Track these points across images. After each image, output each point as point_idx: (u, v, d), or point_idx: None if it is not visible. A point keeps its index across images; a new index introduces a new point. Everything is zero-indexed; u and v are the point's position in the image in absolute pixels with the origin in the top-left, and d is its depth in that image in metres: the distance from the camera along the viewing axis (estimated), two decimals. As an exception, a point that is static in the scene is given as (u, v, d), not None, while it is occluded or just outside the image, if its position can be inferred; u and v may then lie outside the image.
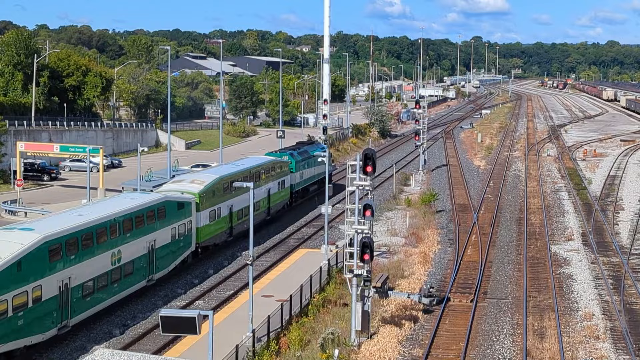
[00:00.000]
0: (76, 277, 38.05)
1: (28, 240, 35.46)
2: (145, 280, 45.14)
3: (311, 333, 38.62)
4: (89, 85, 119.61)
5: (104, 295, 40.69)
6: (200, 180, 54.45)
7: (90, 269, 39.31)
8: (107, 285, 40.89)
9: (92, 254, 39.64)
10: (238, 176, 58.35)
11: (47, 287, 35.83)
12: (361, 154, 38.68)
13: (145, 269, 44.77)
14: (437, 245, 59.07)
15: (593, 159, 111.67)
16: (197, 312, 24.93)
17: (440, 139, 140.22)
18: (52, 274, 36.28)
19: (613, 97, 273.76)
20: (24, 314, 34.38)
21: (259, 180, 61.95)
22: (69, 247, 37.77)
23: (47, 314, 36.10)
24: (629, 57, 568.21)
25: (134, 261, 43.32)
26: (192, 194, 51.64)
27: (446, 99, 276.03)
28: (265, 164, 65.65)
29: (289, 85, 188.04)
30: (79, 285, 38.27)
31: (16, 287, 33.88)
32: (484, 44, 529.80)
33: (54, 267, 36.49)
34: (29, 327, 34.85)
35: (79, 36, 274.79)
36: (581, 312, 43.91)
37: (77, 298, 38.24)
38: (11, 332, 33.68)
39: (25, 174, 79.71)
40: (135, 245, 43.48)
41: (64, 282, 37.13)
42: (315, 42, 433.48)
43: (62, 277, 36.97)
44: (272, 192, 65.65)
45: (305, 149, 77.87)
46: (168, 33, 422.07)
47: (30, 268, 34.86)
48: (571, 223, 67.92)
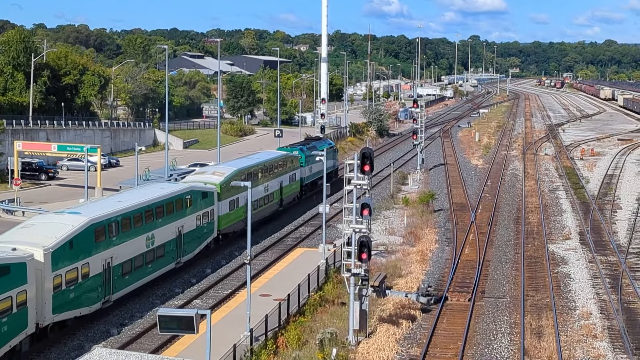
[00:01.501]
0: (117, 257, 41.77)
1: (77, 222, 39.25)
2: (174, 263, 48.70)
3: (309, 332, 38.61)
4: (87, 84, 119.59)
5: (139, 274, 44.29)
6: (220, 172, 57.87)
7: (129, 250, 42.99)
8: (143, 265, 44.54)
9: (130, 237, 43.26)
10: (254, 169, 62.37)
11: (93, 264, 39.64)
12: (359, 153, 38.71)
13: (174, 252, 48.42)
14: (435, 245, 59.08)
15: (590, 158, 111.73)
16: (194, 312, 24.91)
17: (438, 138, 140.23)
18: (97, 253, 40.10)
19: (610, 96, 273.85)
20: (74, 288, 38.15)
21: (272, 173, 65.84)
22: (111, 230, 41.50)
23: (93, 289, 39.86)
24: (626, 56, 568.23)
25: (165, 245, 46.98)
26: (214, 184, 55.05)
27: (444, 98, 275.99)
28: (278, 158, 69.00)
29: (286, 84, 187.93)
30: (119, 264, 41.98)
31: (69, 264, 37.69)
32: (481, 43, 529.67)
33: (99, 247, 40.27)
34: (79, 300, 38.66)
35: (76, 35, 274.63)
36: (579, 311, 43.93)
37: (117, 276, 41.93)
38: (65, 303, 37.49)
39: (23, 173, 79.65)
40: (166, 230, 47.18)
41: (107, 261, 40.85)
42: (313, 41, 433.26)
43: (105, 256, 40.75)
44: (284, 185, 69.12)
45: (314, 145, 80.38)
46: (166, 32, 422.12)
47: (79, 247, 38.66)
48: (569, 222, 67.95)
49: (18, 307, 34.13)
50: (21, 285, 34.30)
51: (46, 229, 38.44)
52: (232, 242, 57.72)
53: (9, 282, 33.57)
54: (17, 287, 34.00)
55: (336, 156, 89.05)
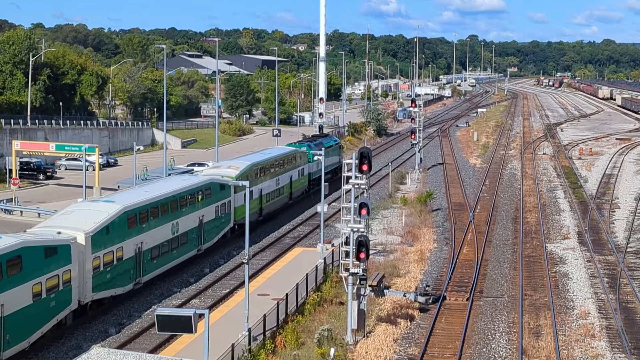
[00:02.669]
0: (146, 242, 45.06)
1: (112, 209, 42.59)
2: (196, 250, 51.79)
3: (307, 332, 38.59)
4: (85, 84, 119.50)
5: (166, 259, 47.56)
6: (236, 165, 61.20)
7: (157, 236, 46.25)
8: (168, 251, 47.76)
9: (158, 224, 46.48)
10: (266, 163, 65.76)
11: (126, 248, 42.96)
12: (357, 152, 38.69)
13: (196, 239, 51.53)
14: (433, 244, 59.08)
15: (589, 158, 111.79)
16: (193, 311, 24.90)
17: (436, 137, 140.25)
18: (130, 238, 43.35)
19: (609, 96, 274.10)
20: (110, 269, 41.57)
21: (282, 168, 69.09)
22: (142, 217, 44.77)
23: (126, 271, 43.17)
24: (624, 55, 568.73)
25: (187, 232, 50.17)
26: (230, 177, 57.31)
27: (442, 97, 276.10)
28: (287, 153, 72.08)
29: (285, 83, 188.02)
30: (148, 249, 45.29)
31: (106, 247, 41.10)
32: (479, 43, 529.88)
33: (131, 233, 43.57)
34: (114, 281, 42.08)
35: (74, 35, 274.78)
36: (577, 310, 43.93)
37: (147, 260, 45.22)
38: (102, 283, 40.98)
39: (21, 173, 79.53)
40: (189, 219, 50.29)
41: (138, 246, 44.14)
42: (311, 41, 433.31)
43: (137, 241, 44.04)
44: (294, 179, 72.43)
45: (321, 141, 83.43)
46: (164, 32, 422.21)
47: (115, 232, 42.03)
48: (567, 221, 67.97)
49: (64, 285, 37.57)
50: (66, 265, 37.74)
51: (85, 215, 41.80)
52: (230, 241, 57.73)
53: (56, 261, 37.01)
54: (62, 266, 37.45)
55: (341, 152, 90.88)
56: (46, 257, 36.25)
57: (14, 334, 33.94)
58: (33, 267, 35.34)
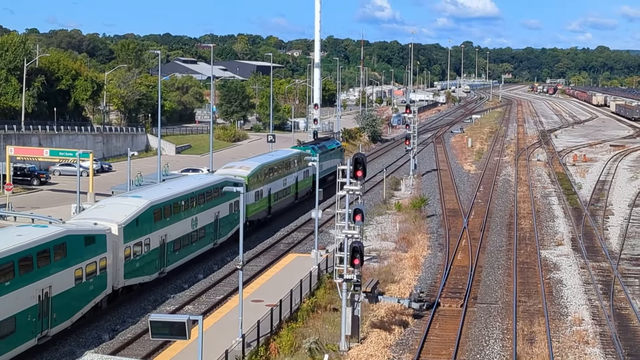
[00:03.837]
0: (170, 235, 48.53)
1: (140, 204, 46.11)
2: (212, 244, 55.17)
3: (301, 338, 38.53)
4: (79, 89, 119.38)
5: (186, 251, 51.12)
6: (247, 166, 64.59)
7: (179, 229, 49.77)
8: (189, 244, 51.28)
9: (180, 219, 50.04)
10: (274, 164, 69.26)
11: (153, 240, 46.53)
12: (351, 158, 38.66)
13: (212, 234, 55.00)
14: (427, 250, 59.07)
15: (583, 164, 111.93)
16: (186, 317, 24.83)
17: (431, 143, 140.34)
18: (155, 230, 46.88)
19: (603, 103, 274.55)
20: (139, 258, 45.18)
21: (289, 169, 72.37)
22: (166, 212, 48.26)
23: (152, 261, 46.76)
24: (618, 62, 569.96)
25: (205, 227, 53.65)
26: (242, 176, 61.14)
27: (436, 103, 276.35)
28: (293, 155, 75.30)
29: (279, 89, 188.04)
30: (171, 241, 48.80)
31: (135, 238, 44.64)
32: (474, 49, 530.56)
33: (157, 226, 47.06)
34: (142, 269, 45.56)
35: (69, 40, 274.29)
36: (571, 317, 43.94)
37: (170, 251, 48.72)
38: (132, 271, 44.47)
39: (15, 178, 79.43)
40: (206, 215, 53.77)
41: (162, 238, 47.65)
42: (305, 47, 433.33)
43: (161, 234, 47.55)
44: (299, 180, 75.69)
45: (324, 144, 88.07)
46: (159, 37, 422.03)
47: (143, 225, 45.51)
48: (561, 228, 68.03)
49: (100, 271, 41.04)
50: (102, 253, 41.19)
51: (116, 209, 45.28)
52: (224, 247, 57.69)
53: (94, 249, 40.49)
54: (99, 254, 40.93)
55: (343, 155, 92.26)
56: (86, 245, 39.84)
57: (60, 313, 37.52)
58: (75, 254, 38.88)
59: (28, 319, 35.22)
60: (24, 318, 34.88)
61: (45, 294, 36.32)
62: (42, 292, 36.14)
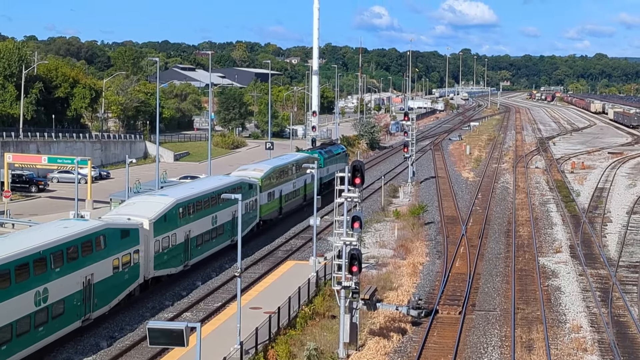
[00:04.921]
0: (193, 231, 52.04)
1: (168, 201, 49.67)
2: (230, 240, 57.98)
3: (299, 345, 38.50)
4: (78, 96, 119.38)
5: (207, 247, 54.67)
6: (260, 168, 67.51)
7: (201, 226, 53.28)
8: (209, 240, 54.87)
9: (202, 216, 53.51)
10: (285, 167, 72.24)
11: (179, 235, 50.06)
12: (350, 165, 38.65)
13: (230, 231, 57.93)
14: (426, 257, 59.04)
15: (581, 172, 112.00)
16: (184, 324, 24.77)
17: (429, 150, 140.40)
18: (181, 226, 50.40)
19: (601, 110, 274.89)
20: (167, 252, 48.63)
21: (298, 172, 74.68)
22: (189, 209, 51.78)
23: (178, 254, 50.21)
24: (616, 69, 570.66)
25: (224, 224, 57.04)
26: (256, 178, 64.34)
27: (435, 111, 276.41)
28: (302, 159, 77.66)
29: (278, 97, 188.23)
30: (194, 237, 52.31)
31: (164, 232, 48.05)
32: (472, 56, 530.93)
33: (182, 222, 50.61)
34: (169, 262, 49.12)
35: (67, 47, 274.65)
36: (569, 324, 43.92)
37: (193, 246, 52.25)
38: (161, 263, 48.01)
39: (13, 185, 79.41)
40: (225, 213, 57.02)
41: (187, 234, 51.11)
42: (304, 54, 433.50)
43: (186, 229, 51.05)
44: (307, 183, 77.63)
45: (330, 149, 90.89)
46: (157, 44, 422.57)
47: (170, 220, 49.09)
48: (559, 235, 68.03)
49: (133, 262, 44.39)
50: (136, 246, 44.56)
51: (146, 206, 48.77)
52: (222, 254, 57.67)
53: (129, 242, 43.85)
54: (133, 246, 44.31)
55: (347, 160, 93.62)
56: (122, 238, 43.19)
57: (100, 299, 40.91)
58: (113, 246, 42.18)
59: (74, 302, 38.63)
60: (71, 302, 38.30)
61: (88, 280, 39.64)
62: (86, 279, 39.48)
